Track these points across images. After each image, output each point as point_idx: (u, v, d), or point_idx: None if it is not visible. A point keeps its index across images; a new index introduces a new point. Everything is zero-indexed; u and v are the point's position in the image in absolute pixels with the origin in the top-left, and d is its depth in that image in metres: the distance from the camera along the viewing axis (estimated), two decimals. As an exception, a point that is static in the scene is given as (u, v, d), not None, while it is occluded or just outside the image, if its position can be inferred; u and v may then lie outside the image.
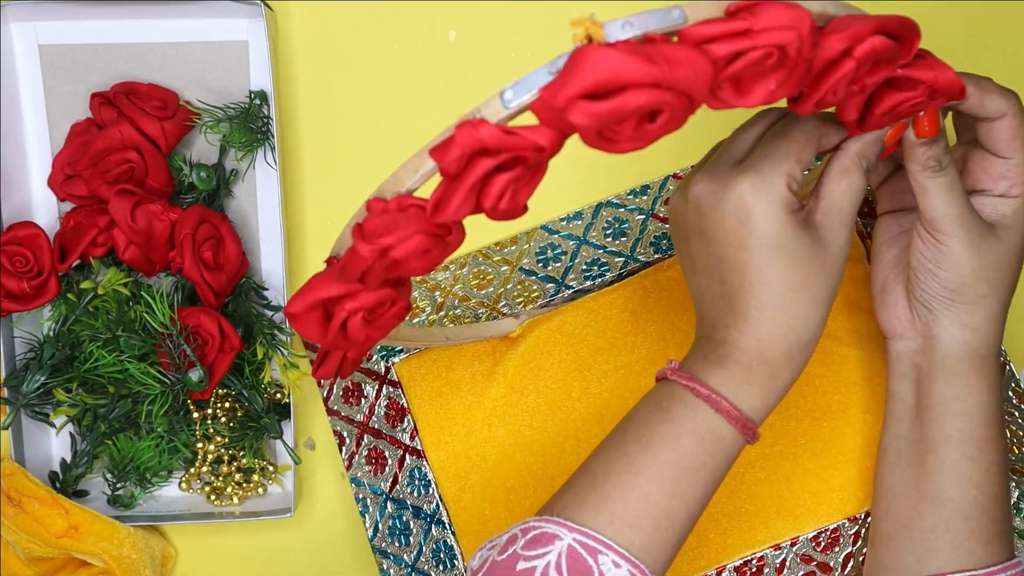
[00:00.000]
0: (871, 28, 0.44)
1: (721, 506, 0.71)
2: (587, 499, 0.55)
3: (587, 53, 0.38)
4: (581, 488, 0.56)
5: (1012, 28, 0.78)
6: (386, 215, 0.45)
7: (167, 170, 0.74)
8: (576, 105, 0.39)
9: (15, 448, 0.74)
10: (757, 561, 0.71)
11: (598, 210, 0.76)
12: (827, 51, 0.43)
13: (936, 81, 0.48)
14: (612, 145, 0.42)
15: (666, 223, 0.75)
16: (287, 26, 0.78)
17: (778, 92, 0.42)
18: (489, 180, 0.43)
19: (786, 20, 0.40)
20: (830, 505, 0.70)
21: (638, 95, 0.38)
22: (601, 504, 0.55)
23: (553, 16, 0.78)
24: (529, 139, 0.41)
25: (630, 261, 0.74)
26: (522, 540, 0.55)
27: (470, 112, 0.43)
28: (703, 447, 0.55)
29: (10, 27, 0.76)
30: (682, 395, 0.56)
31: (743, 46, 0.40)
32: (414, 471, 0.73)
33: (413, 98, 0.79)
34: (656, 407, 0.57)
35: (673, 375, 0.57)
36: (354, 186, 0.78)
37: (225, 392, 0.76)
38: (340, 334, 0.51)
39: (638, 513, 0.54)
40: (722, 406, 0.55)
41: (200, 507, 0.76)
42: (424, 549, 0.72)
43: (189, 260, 0.71)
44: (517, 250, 0.75)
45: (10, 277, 0.72)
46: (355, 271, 0.47)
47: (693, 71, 0.39)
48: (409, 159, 0.45)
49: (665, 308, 0.73)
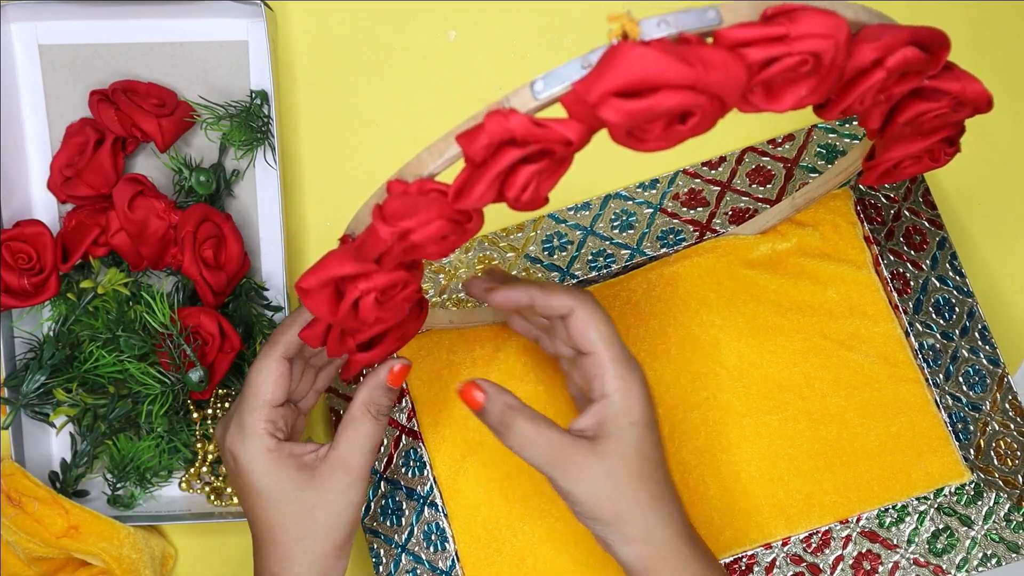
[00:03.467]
0: (904, 39, 0.43)
1: (715, 503, 0.71)
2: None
3: (623, 50, 0.38)
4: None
5: (1012, 28, 0.78)
6: (407, 198, 0.45)
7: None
8: (609, 102, 0.39)
9: (15, 448, 0.74)
10: (747, 559, 0.71)
11: (606, 202, 0.75)
12: (858, 60, 0.43)
13: (963, 93, 0.48)
14: (639, 144, 0.42)
15: (674, 218, 0.75)
16: (287, 26, 0.78)
17: (808, 99, 0.42)
18: (514, 171, 0.43)
19: (824, 28, 0.40)
20: (822, 507, 0.71)
21: (672, 96, 0.38)
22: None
23: (553, 16, 0.78)
24: (558, 132, 0.41)
25: (636, 254, 0.74)
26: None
27: (498, 101, 0.43)
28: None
29: (10, 27, 0.75)
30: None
31: (779, 52, 0.40)
32: (410, 452, 0.73)
33: (413, 98, 0.78)
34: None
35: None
36: (354, 186, 0.78)
37: (225, 392, 0.76)
38: (351, 313, 0.51)
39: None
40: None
41: (200, 507, 0.76)
42: (415, 530, 0.73)
43: (189, 258, 0.71)
44: (524, 237, 0.75)
45: (11, 272, 0.71)
46: (372, 252, 0.47)
47: (728, 75, 0.39)
48: (434, 143, 0.45)
49: (668, 303, 0.73)
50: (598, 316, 0.58)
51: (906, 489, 0.71)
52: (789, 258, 0.73)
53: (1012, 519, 0.71)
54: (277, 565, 0.59)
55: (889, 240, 0.74)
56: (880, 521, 0.71)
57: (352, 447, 0.58)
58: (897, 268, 0.73)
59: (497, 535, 0.71)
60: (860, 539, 0.71)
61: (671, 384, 0.72)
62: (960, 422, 0.72)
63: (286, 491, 0.58)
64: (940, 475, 0.71)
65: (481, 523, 0.72)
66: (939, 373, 0.72)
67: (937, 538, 0.71)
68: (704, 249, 0.74)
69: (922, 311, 0.73)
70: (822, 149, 0.75)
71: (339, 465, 0.58)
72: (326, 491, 0.58)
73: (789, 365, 0.72)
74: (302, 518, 0.58)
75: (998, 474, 0.71)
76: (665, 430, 0.72)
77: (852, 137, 0.75)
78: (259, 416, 0.58)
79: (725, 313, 0.73)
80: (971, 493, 0.71)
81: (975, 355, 0.72)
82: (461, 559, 0.72)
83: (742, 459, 0.71)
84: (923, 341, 0.72)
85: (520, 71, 0.78)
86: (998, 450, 0.71)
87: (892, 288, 0.73)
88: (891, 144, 0.54)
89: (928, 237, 0.73)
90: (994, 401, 0.71)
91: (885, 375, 0.72)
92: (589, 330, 0.57)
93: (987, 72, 0.58)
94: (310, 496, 0.58)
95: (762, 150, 0.76)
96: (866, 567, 0.71)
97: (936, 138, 0.54)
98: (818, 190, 0.69)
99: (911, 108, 0.50)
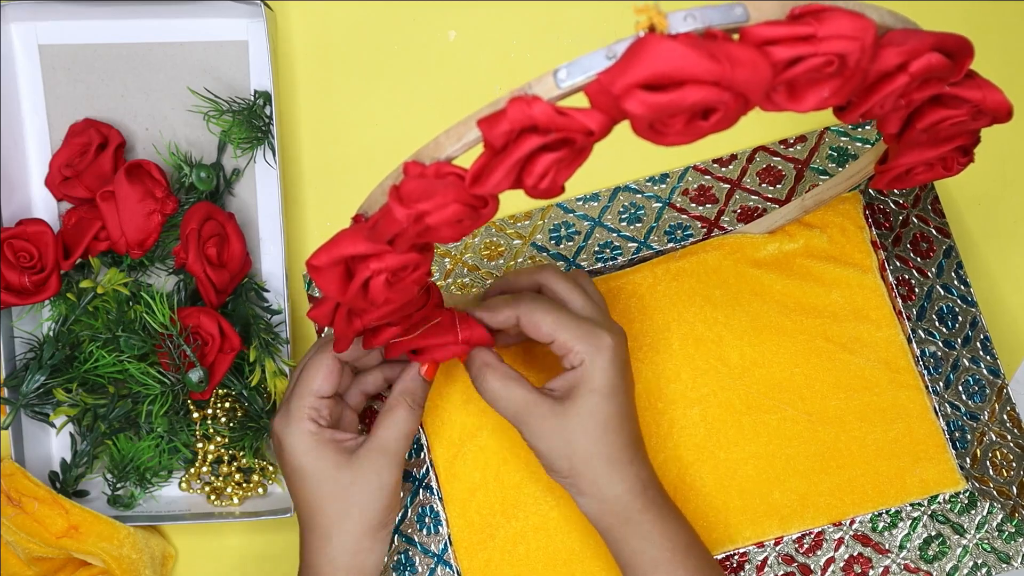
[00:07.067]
0: (928, 45, 0.43)
1: (710, 500, 0.71)
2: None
3: (651, 43, 0.38)
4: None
5: (1012, 28, 0.78)
6: (423, 180, 0.45)
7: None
8: (633, 93, 0.39)
9: (15, 448, 0.73)
10: (739, 557, 0.71)
11: (615, 194, 0.75)
12: (882, 64, 0.43)
13: (983, 102, 0.48)
14: (660, 137, 0.42)
15: (682, 214, 0.75)
16: (287, 26, 0.77)
17: (830, 100, 0.42)
18: (534, 158, 0.42)
19: (851, 30, 0.40)
20: (816, 508, 0.71)
21: (696, 91, 0.38)
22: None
23: (553, 16, 0.78)
24: (580, 121, 0.41)
25: (643, 248, 0.75)
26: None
27: (520, 88, 0.42)
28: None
29: (10, 27, 0.75)
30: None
31: (804, 51, 0.40)
32: (408, 434, 0.73)
33: (413, 98, 0.78)
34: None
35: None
36: (354, 186, 0.78)
37: (225, 392, 0.76)
38: (360, 292, 0.51)
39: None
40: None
41: (200, 507, 0.76)
42: (409, 512, 0.73)
43: (193, 255, 0.71)
44: (531, 225, 0.75)
45: (12, 270, 0.71)
46: (386, 232, 0.47)
47: (754, 73, 0.39)
48: (453, 126, 0.45)
49: (673, 298, 0.73)
50: (540, 310, 0.62)
51: (900, 494, 0.71)
52: (795, 259, 0.73)
53: (1004, 529, 0.71)
54: (315, 544, 0.63)
55: (896, 246, 0.74)
56: (873, 525, 0.71)
57: (389, 432, 0.63)
58: (903, 274, 0.73)
59: (491, 520, 0.72)
60: (852, 542, 0.71)
61: (672, 379, 0.72)
62: (958, 431, 0.72)
63: (324, 471, 0.62)
64: (935, 482, 0.71)
65: (476, 508, 0.72)
66: (939, 381, 0.72)
67: (929, 545, 0.71)
68: (711, 246, 0.74)
69: (925, 318, 0.73)
70: (833, 152, 0.75)
71: (376, 448, 0.63)
72: (361, 471, 0.62)
73: (790, 366, 0.72)
74: (339, 498, 0.62)
75: (993, 484, 0.71)
76: (664, 425, 0.72)
77: (864, 141, 0.75)
78: (305, 404, 0.63)
79: (729, 311, 0.73)
80: (965, 502, 0.71)
81: (976, 365, 0.72)
82: (454, 543, 0.72)
83: (739, 457, 0.71)
84: (925, 348, 0.73)
85: (520, 71, 0.78)
86: (994, 460, 0.71)
87: (896, 294, 0.73)
88: (905, 150, 0.54)
89: (935, 245, 0.73)
90: (992, 412, 0.72)
91: (885, 380, 0.72)
92: (540, 328, 0.62)
93: (987, 72, 0.58)
94: (346, 476, 0.62)
95: (774, 150, 0.76)
96: (857, 570, 0.71)
97: (951, 146, 0.54)
98: (828, 192, 0.69)
99: (930, 114, 0.50)
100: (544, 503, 0.71)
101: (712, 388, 0.72)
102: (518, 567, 0.71)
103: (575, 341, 0.61)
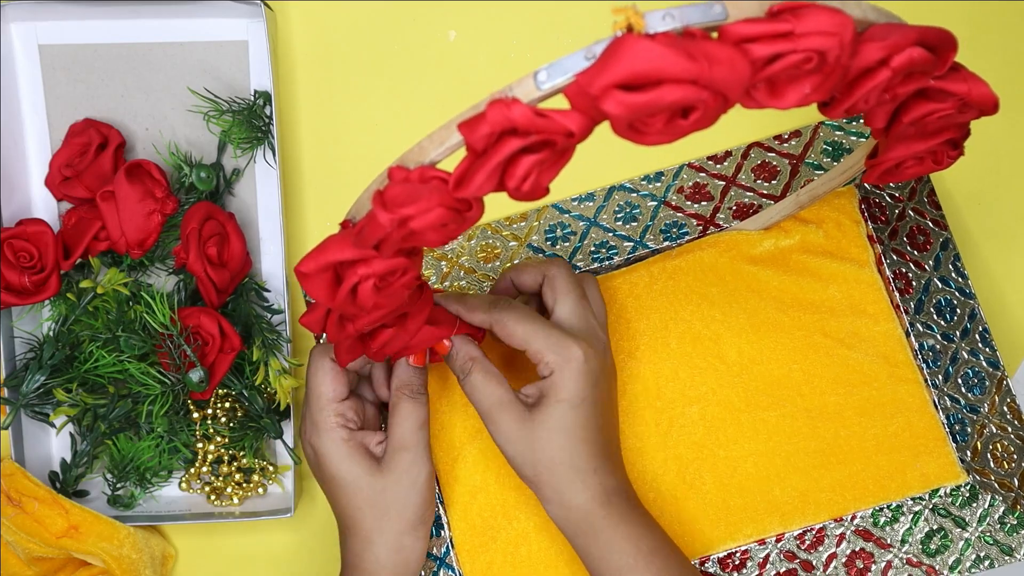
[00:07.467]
0: (911, 39, 0.43)
1: (710, 498, 0.71)
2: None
3: (627, 43, 0.38)
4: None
5: (1012, 28, 0.78)
6: (408, 184, 0.45)
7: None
8: (611, 94, 0.39)
9: (15, 448, 0.74)
10: (741, 554, 0.71)
11: (610, 193, 0.75)
12: (864, 59, 0.43)
13: (969, 95, 0.48)
14: (640, 137, 0.42)
15: (678, 212, 0.75)
16: (287, 26, 0.78)
17: (812, 96, 0.42)
18: (515, 160, 0.42)
19: (829, 26, 0.40)
20: (818, 505, 0.71)
21: (674, 90, 0.38)
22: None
23: (553, 16, 0.78)
24: (560, 123, 0.41)
25: (639, 247, 0.74)
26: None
27: (500, 90, 0.42)
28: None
29: (10, 27, 0.75)
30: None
31: (783, 48, 0.39)
32: (407, 438, 0.73)
33: (413, 98, 0.78)
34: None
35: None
36: (354, 186, 0.78)
37: (225, 392, 0.76)
38: (349, 298, 0.51)
39: None
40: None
41: (200, 507, 0.76)
42: (411, 515, 0.73)
43: (194, 255, 0.71)
44: (526, 226, 0.75)
45: (12, 270, 0.71)
46: (372, 238, 0.47)
47: (732, 71, 0.39)
48: (436, 131, 0.45)
49: (670, 296, 0.73)
50: (513, 318, 0.63)
51: (901, 489, 0.71)
52: (792, 255, 0.73)
53: (1006, 522, 0.71)
54: (359, 547, 0.65)
55: (893, 239, 0.74)
56: (875, 520, 0.71)
57: (401, 427, 0.64)
58: (900, 268, 0.73)
59: (492, 523, 0.72)
60: (854, 537, 0.71)
61: (670, 378, 0.72)
62: (958, 424, 0.72)
63: (360, 477, 0.64)
64: (936, 476, 0.71)
65: (477, 511, 0.72)
66: (938, 374, 0.72)
67: (931, 539, 0.71)
68: (707, 244, 0.74)
69: (923, 311, 0.73)
70: (828, 146, 0.75)
71: (396, 447, 0.64)
72: (392, 473, 0.64)
73: (789, 362, 0.72)
74: (375, 502, 0.64)
75: (994, 477, 0.71)
76: (664, 424, 0.72)
77: (859, 135, 0.75)
78: (328, 413, 0.64)
79: (726, 308, 0.73)
80: (966, 495, 0.71)
81: (975, 357, 0.72)
82: (456, 546, 0.72)
83: (739, 454, 0.71)
84: (923, 342, 0.72)
85: (520, 71, 0.78)
86: (995, 453, 0.71)
87: (894, 288, 0.73)
88: (894, 143, 0.54)
89: (932, 237, 0.73)
90: (992, 404, 0.71)
91: (884, 374, 0.72)
92: (514, 336, 0.63)
93: (987, 72, 0.58)
94: (379, 481, 0.64)
95: (768, 146, 0.76)
96: (859, 565, 0.71)
97: (940, 139, 0.53)
98: (823, 187, 0.69)
99: (916, 108, 0.50)
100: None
101: (711, 386, 0.72)
102: (520, 569, 0.71)
103: (546, 351, 0.62)
